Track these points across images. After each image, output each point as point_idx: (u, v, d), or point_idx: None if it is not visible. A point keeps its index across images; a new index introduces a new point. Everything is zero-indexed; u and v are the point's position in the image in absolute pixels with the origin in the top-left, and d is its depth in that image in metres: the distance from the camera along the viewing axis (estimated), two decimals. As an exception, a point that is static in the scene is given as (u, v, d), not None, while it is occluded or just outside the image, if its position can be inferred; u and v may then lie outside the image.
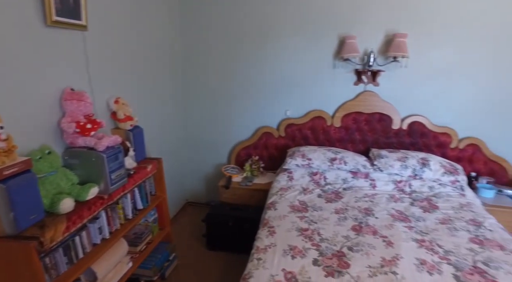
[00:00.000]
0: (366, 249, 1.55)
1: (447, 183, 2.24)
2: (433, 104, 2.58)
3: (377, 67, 2.50)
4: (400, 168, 2.28)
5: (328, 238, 1.64)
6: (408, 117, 2.59)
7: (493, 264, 1.45)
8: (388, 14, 2.43)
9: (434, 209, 2.00)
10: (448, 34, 2.40)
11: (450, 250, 1.56)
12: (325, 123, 2.66)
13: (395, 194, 2.19)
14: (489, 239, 1.66)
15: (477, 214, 1.93)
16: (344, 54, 2.42)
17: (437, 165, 2.29)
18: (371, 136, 2.64)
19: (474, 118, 2.56)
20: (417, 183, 2.26)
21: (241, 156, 2.88)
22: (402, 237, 1.65)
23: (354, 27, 2.49)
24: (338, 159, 2.35)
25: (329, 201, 2.06)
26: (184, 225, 2.86)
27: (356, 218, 1.85)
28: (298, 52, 2.63)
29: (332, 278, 1.33)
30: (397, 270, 1.39)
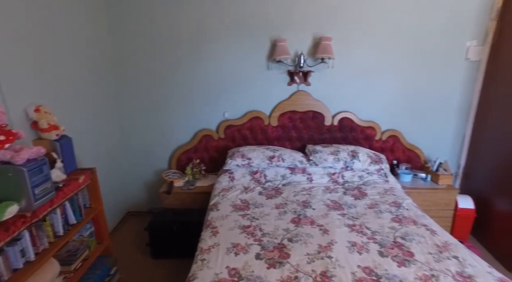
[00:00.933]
0: (305, 238, 1.65)
1: (374, 171, 2.49)
2: (359, 101, 2.83)
3: (307, 68, 2.67)
4: (333, 161, 2.47)
5: (270, 232, 1.71)
6: (338, 114, 2.81)
7: (408, 237, 1.66)
8: (315, 18, 2.61)
9: (363, 196, 2.21)
10: (368, 37, 2.67)
11: (376, 230, 1.74)
12: (263, 123, 2.76)
13: (330, 185, 2.36)
14: (406, 217, 1.90)
15: (398, 197, 2.18)
16: (276, 56, 2.54)
17: (364, 156, 2.53)
18: (306, 133, 2.81)
19: (393, 112, 2.88)
20: (349, 173, 2.47)
21: (182, 160, 2.84)
22: (336, 224, 1.80)
23: (285, 31, 2.63)
24: (277, 156, 2.45)
25: (270, 197, 2.14)
26: (126, 236, 2.73)
27: (295, 211, 1.95)
28: (233, 55, 2.68)
29: (274, 269, 1.40)
30: (332, 254, 1.52)
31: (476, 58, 2.72)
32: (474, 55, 2.71)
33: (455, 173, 3.03)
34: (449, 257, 1.51)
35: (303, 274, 1.37)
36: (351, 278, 1.35)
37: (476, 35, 2.68)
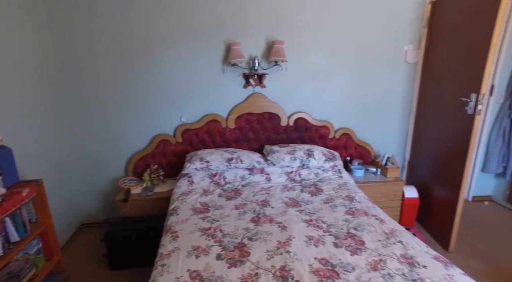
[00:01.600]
0: (264, 236, 1.70)
1: (328, 168, 2.62)
2: (313, 102, 2.96)
3: (262, 70, 2.75)
4: (290, 160, 2.56)
5: (230, 233, 1.73)
6: (294, 115, 2.91)
7: (360, 227, 1.78)
8: (268, 23, 2.70)
9: (319, 192, 2.31)
10: (318, 41, 2.81)
11: (332, 223, 1.84)
12: (221, 126, 2.78)
13: (287, 184, 2.44)
14: (358, 209, 2.03)
15: (351, 191, 2.32)
16: (231, 59, 2.58)
17: (319, 154, 2.65)
18: (264, 134, 2.88)
19: (345, 112, 3.05)
20: (305, 171, 2.57)
21: (138, 166, 2.76)
22: (294, 220, 1.87)
23: (239, 34, 2.68)
24: (235, 158, 2.49)
25: (229, 199, 2.17)
26: (80, 249, 2.59)
27: (254, 211, 2.00)
28: (188, 59, 2.67)
29: (235, 268, 1.43)
30: (290, 249, 1.58)
31: (413, 60, 2.99)
32: (411, 58, 2.98)
33: (401, 166, 3.29)
34: (395, 242, 1.64)
35: (263, 270, 1.41)
36: (309, 270, 1.42)
37: (412, 40, 2.95)
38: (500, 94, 3.24)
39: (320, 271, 1.41)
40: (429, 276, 1.38)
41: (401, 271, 1.41)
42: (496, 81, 3.18)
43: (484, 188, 3.55)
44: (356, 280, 1.36)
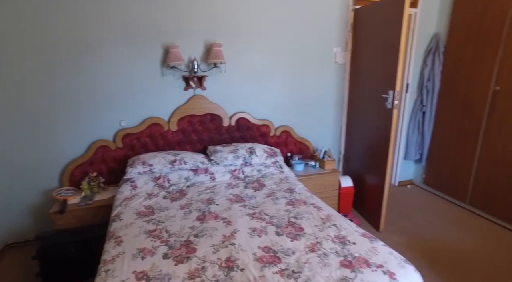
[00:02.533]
0: (210, 232, 1.76)
1: (270, 164, 2.76)
2: (253, 101, 3.09)
3: (201, 73, 2.79)
4: (233, 159, 2.64)
5: (176, 232, 1.76)
6: (235, 115, 3.01)
7: (299, 216, 1.93)
8: (205, 26, 2.75)
9: (262, 187, 2.43)
10: (255, 44, 2.94)
11: (274, 215, 1.97)
12: (162, 129, 2.76)
13: (232, 182, 2.52)
14: (298, 199, 2.19)
15: (291, 184, 2.48)
16: (169, 62, 2.58)
17: (261, 151, 2.77)
18: (206, 135, 2.92)
19: (284, 110, 3.23)
20: (248, 169, 2.68)
21: (75, 175, 2.61)
22: (238, 215, 1.96)
23: (176, 38, 2.69)
24: (178, 160, 2.50)
25: (174, 200, 2.18)
26: (7, 272, 2.36)
27: (200, 209, 2.04)
28: (124, 62, 2.60)
29: (182, 264, 1.47)
30: (235, 241, 1.66)
31: (342, 61, 3.29)
32: (340, 59, 3.27)
33: (337, 158, 3.58)
34: (330, 225, 1.82)
35: (210, 263, 1.47)
36: (252, 258, 1.51)
37: (340, 43, 3.24)
38: (413, 91, 3.71)
39: (263, 258, 1.51)
40: (357, 251, 1.56)
41: (334, 249, 1.58)
42: (409, 80, 3.64)
43: (407, 173, 4.03)
44: (295, 262, 1.48)
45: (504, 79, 2.85)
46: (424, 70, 3.59)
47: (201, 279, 1.36)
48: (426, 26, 3.53)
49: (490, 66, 2.95)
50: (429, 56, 3.53)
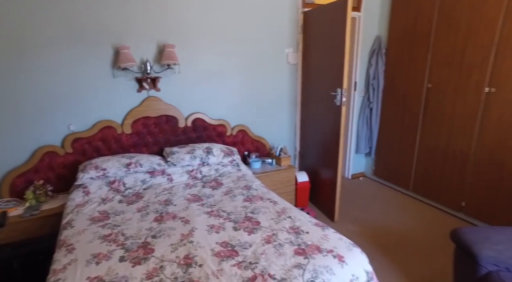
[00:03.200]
0: (168, 232, 1.76)
1: (227, 163, 2.80)
2: (209, 102, 3.11)
3: (155, 74, 2.76)
4: (190, 159, 2.65)
5: (133, 234, 1.73)
6: (191, 116, 3.01)
7: (256, 211, 2.00)
8: (157, 26, 2.71)
9: (220, 185, 2.47)
10: (209, 45, 2.96)
11: (231, 211, 2.01)
12: (116, 132, 2.68)
13: (189, 182, 2.53)
14: (255, 195, 2.25)
15: (248, 181, 2.54)
16: (120, 63, 2.52)
17: (218, 151, 2.81)
18: (162, 137, 2.89)
19: (240, 110, 3.29)
20: (206, 168, 2.70)
21: (17, 185, 2.43)
22: (196, 213, 1.98)
23: (127, 38, 2.63)
24: (133, 163, 2.45)
25: (131, 203, 2.14)
26: None
27: (157, 211, 2.03)
28: (72, 63, 2.48)
29: (139, 266, 1.46)
30: (193, 239, 1.68)
31: (294, 62, 3.43)
32: (292, 59, 3.41)
33: (293, 155, 3.72)
34: (285, 218, 1.91)
35: (168, 262, 1.48)
36: (211, 254, 1.54)
37: (292, 44, 3.38)
38: (361, 89, 3.97)
39: (221, 253, 1.55)
40: (310, 239, 1.66)
41: (289, 239, 1.67)
42: (357, 78, 3.89)
43: (358, 166, 4.30)
44: (252, 254, 1.55)
45: (434, 77, 3.18)
46: (370, 70, 3.86)
47: (159, 278, 1.37)
48: (370, 29, 3.81)
49: (423, 66, 3.27)
50: (373, 57, 3.81)
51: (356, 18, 3.70)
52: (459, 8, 2.88)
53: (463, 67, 2.90)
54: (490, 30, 2.65)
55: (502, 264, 1.58)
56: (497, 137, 2.70)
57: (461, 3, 2.86)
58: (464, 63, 2.88)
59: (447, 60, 3.03)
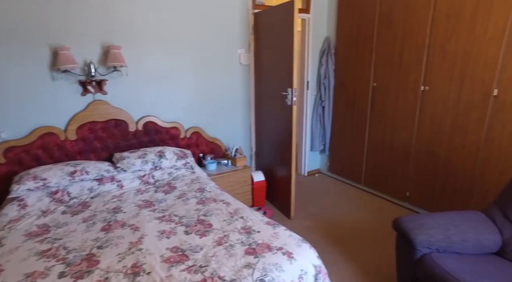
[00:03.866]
0: (116, 241, 1.69)
1: (181, 166, 2.75)
2: (161, 104, 3.03)
3: (100, 77, 2.63)
4: (141, 164, 2.56)
5: (76, 247, 1.64)
6: (142, 119, 2.91)
7: (209, 213, 1.99)
8: (100, 27, 2.59)
9: (173, 189, 2.42)
10: (159, 46, 2.89)
11: (183, 215, 1.98)
12: (58, 139, 2.52)
13: (141, 187, 2.45)
14: (208, 198, 2.24)
15: (202, 183, 2.52)
16: (60, 65, 2.36)
17: (171, 154, 2.75)
18: (112, 142, 2.76)
19: (194, 111, 3.24)
20: (158, 172, 2.63)
21: None
22: (146, 220, 1.92)
23: (68, 38, 2.47)
24: (79, 170, 2.31)
25: (76, 214, 2.02)
26: None
27: (105, 219, 1.94)
28: (2, 63, 2.29)
29: (82, 280, 1.38)
30: (142, 246, 1.63)
31: (246, 62, 3.45)
32: (245, 60, 3.43)
33: (249, 155, 3.75)
34: (237, 218, 1.92)
35: (114, 273, 1.42)
36: (160, 260, 1.51)
37: (243, 45, 3.40)
38: (313, 88, 4.11)
39: (171, 258, 1.53)
40: (261, 238, 1.69)
41: (240, 240, 1.68)
42: (309, 78, 4.02)
43: (314, 163, 4.44)
44: (203, 257, 1.54)
45: (378, 76, 3.38)
46: (321, 69, 4.00)
47: (103, 291, 1.31)
48: (319, 30, 3.95)
49: (368, 66, 3.46)
50: (324, 57, 3.96)
51: (306, 20, 3.82)
52: (396, 12, 3.09)
53: (402, 67, 3.11)
54: (422, 33, 2.88)
55: (433, 246, 1.73)
56: (432, 131, 2.94)
57: (396, 8, 3.08)
58: (403, 63, 3.10)
59: (388, 60, 3.23)
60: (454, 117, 2.75)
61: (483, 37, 2.47)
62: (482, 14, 2.46)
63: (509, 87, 2.39)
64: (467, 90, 2.63)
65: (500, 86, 2.43)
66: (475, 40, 2.52)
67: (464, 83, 2.64)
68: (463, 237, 1.75)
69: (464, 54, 2.61)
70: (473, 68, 2.56)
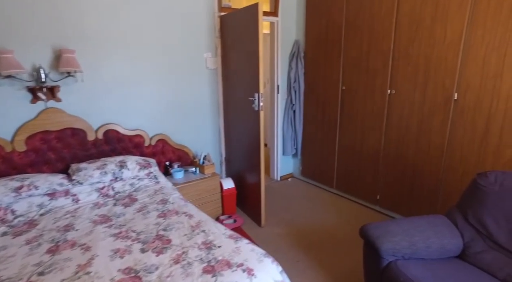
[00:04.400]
0: (61, 264, 1.54)
1: (144, 176, 2.61)
2: (123, 111, 2.87)
3: (52, 83, 2.45)
4: (100, 175, 2.40)
5: (12, 275, 1.47)
6: (102, 127, 2.74)
7: (169, 227, 1.88)
8: (50, 28, 2.41)
9: (133, 202, 2.28)
10: (120, 50, 2.74)
11: (142, 230, 1.86)
12: (3, 151, 2.30)
13: (99, 201, 2.29)
14: (170, 210, 2.13)
15: (166, 194, 2.39)
16: (2, 70, 2.16)
17: (133, 164, 2.60)
18: (68, 152, 2.58)
19: (159, 118, 3.11)
20: (119, 184, 2.48)
21: None
22: (100, 237, 1.78)
23: (10, 40, 2.27)
24: (26, 185, 2.12)
25: (19, 235, 1.84)
26: None
27: (53, 239, 1.78)
28: None
29: (15, 313, 1.24)
30: (91, 269, 1.49)
31: (213, 66, 3.36)
32: (211, 64, 3.34)
33: (219, 161, 3.65)
34: (199, 232, 1.82)
35: (54, 303, 1.29)
36: (109, 284, 1.39)
37: (210, 49, 3.30)
38: (284, 92, 4.07)
39: (122, 281, 1.40)
40: (221, 254, 1.60)
41: (199, 256, 1.58)
42: (279, 81, 3.97)
43: (287, 167, 4.40)
44: (157, 278, 1.43)
45: (347, 80, 3.38)
46: (291, 73, 3.97)
47: (39, 325, 1.17)
48: (288, 33, 3.92)
49: (337, 69, 3.46)
50: (293, 60, 3.93)
51: (274, 23, 3.77)
52: (361, 17, 3.10)
53: (369, 71, 3.12)
54: (387, 38, 2.90)
55: (399, 254, 1.71)
56: (399, 134, 2.96)
57: (362, 13, 3.09)
58: (370, 67, 3.11)
59: (356, 64, 3.24)
60: (419, 120, 2.78)
61: (442, 42, 2.51)
62: (440, 20, 2.50)
63: (468, 91, 2.43)
64: (431, 94, 2.66)
65: (460, 90, 2.48)
66: (435, 45, 2.56)
67: (427, 87, 2.68)
68: (427, 243, 1.74)
69: (426, 59, 2.64)
70: (435, 73, 2.60)
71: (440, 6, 2.49)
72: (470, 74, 2.40)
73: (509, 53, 2.20)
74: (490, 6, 2.24)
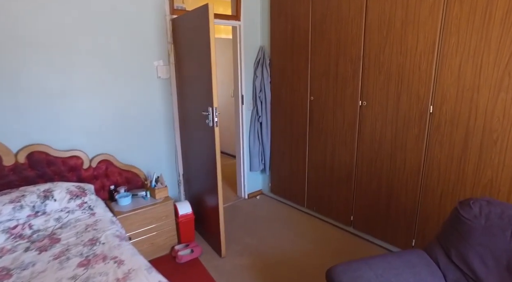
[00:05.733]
0: None
1: (75, 207, 2.18)
2: (53, 129, 2.43)
3: (-46, 97, 1.99)
4: (13, 211, 1.95)
5: None
6: (24, 149, 2.29)
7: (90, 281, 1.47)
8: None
9: (54, 244, 1.85)
10: (45, 55, 2.31)
11: (51, 289, 1.44)
12: None
13: (6, 245, 1.83)
14: (98, 254, 1.71)
15: (99, 231, 1.97)
16: None
17: (62, 193, 2.17)
18: (-23, 182, 2.12)
19: (103, 135, 2.68)
20: (40, 220, 2.03)
21: None
22: (-12, 305, 1.35)
23: None
24: None
25: None
26: None
27: None
28: None
29: None
30: None
31: (165, 76, 2.97)
32: (163, 73, 2.95)
33: (176, 182, 3.25)
34: (124, 289, 1.43)
35: None
36: None
37: (161, 56, 2.92)
38: (249, 102, 3.73)
39: None
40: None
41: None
42: (244, 91, 3.64)
43: (255, 184, 4.05)
44: None
45: (315, 90, 3.09)
46: (256, 82, 3.65)
47: None
48: (252, 38, 3.60)
49: (305, 78, 3.17)
50: (259, 68, 3.61)
51: (236, 27, 3.45)
52: (328, 20, 2.83)
53: (338, 80, 2.85)
54: (356, 43, 2.64)
55: (372, 311, 1.39)
56: (373, 150, 2.69)
57: (329, 15, 2.82)
58: (339, 75, 2.83)
59: (325, 72, 2.96)
60: (393, 135, 2.52)
61: (415, 50, 2.27)
62: (411, 25, 2.26)
63: (444, 104, 2.19)
64: (405, 106, 2.41)
65: (435, 102, 2.23)
66: (408, 52, 2.31)
67: (401, 99, 2.42)
68: (405, 292, 1.43)
69: (399, 67, 2.39)
70: (408, 83, 2.35)
71: (411, 8, 2.25)
72: (446, 86, 2.16)
73: (484, 63, 1.97)
74: (463, 11, 2.01)
